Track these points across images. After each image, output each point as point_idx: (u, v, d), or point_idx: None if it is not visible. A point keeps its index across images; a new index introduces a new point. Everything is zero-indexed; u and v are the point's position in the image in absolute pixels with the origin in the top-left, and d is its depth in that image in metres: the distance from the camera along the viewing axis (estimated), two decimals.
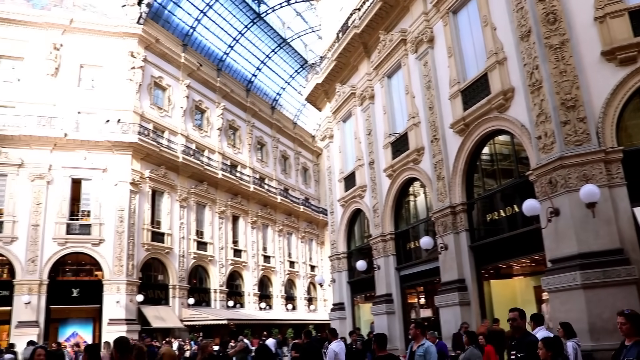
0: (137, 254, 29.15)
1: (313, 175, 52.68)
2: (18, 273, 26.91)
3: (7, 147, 27.89)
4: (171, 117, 34.11)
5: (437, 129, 15.86)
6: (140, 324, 27.89)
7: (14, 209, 27.40)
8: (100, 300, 27.70)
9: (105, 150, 29.14)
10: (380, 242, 19.18)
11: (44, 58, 29.87)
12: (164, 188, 31.90)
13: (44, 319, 26.83)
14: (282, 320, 37.09)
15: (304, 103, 46.63)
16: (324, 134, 25.63)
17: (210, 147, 37.26)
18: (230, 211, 37.83)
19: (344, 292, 22.88)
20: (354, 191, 21.65)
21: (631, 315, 5.24)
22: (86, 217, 28.72)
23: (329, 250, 27.23)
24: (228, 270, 36.60)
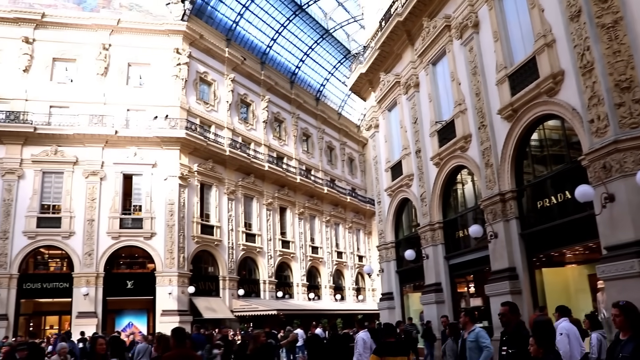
0: (188, 247, 29.77)
1: (359, 165, 52.56)
2: (76, 266, 27.94)
3: (63, 145, 28.92)
4: (217, 111, 34.61)
5: (485, 115, 15.60)
6: (192, 314, 28.50)
7: (70, 205, 28.42)
8: (153, 292, 28.46)
9: (154, 145, 29.81)
10: (429, 231, 19.04)
11: (94, 58, 30.81)
12: (212, 181, 32.42)
13: (101, 309, 27.81)
14: (331, 311, 37.25)
15: (348, 93, 46.63)
16: (369, 123, 25.52)
17: (256, 140, 37.64)
18: (278, 203, 38.16)
19: (392, 281, 22.82)
20: (401, 180, 21.52)
21: (625, 307, 4.89)
22: (138, 211, 29.50)
23: (376, 240, 27.19)
24: (276, 262, 36.98)
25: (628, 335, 4.72)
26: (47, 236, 28.14)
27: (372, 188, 31.83)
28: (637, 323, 4.74)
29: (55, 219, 28.40)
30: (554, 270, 14.81)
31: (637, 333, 4.66)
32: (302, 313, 33.68)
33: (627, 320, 4.75)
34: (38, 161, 28.60)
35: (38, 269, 29.30)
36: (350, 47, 46.04)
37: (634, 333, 4.67)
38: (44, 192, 28.75)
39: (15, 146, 28.48)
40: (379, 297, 25.56)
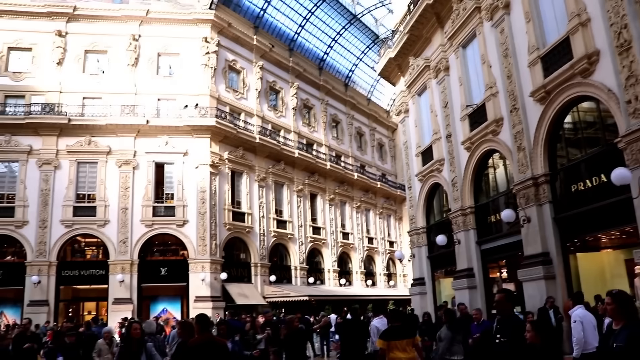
0: (220, 234, 30.10)
1: (389, 150, 52.32)
2: (111, 253, 28.55)
3: (96, 135, 29.48)
4: (246, 99, 34.77)
5: (516, 98, 15.34)
6: (225, 300, 28.88)
7: (104, 194, 29.00)
8: (186, 279, 28.92)
9: (185, 134, 30.12)
10: (460, 216, 18.88)
11: (125, 49, 31.25)
12: (242, 169, 32.67)
13: (136, 296, 28.42)
14: (362, 296, 37.33)
15: (377, 79, 46.35)
16: (399, 108, 25.34)
17: (286, 127, 37.74)
18: (308, 189, 38.26)
19: (423, 267, 22.74)
20: (432, 165, 21.36)
21: (618, 296, 4.75)
22: (170, 199, 29.92)
23: (407, 225, 27.10)
24: (308, 248, 37.16)
25: (621, 325, 4.59)
26: (83, 225, 28.79)
27: (403, 173, 31.65)
28: (629, 312, 4.63)
29: (91, 208, 29.02)
30: (589, 255, 14.59)
31: (630, 322, 4.55)
32: (334, 299, 33.82)
33: (620, 309, 4.63)
34: (73, 151, 29.22)
35: (75, 256, 30.04)
36: (378, 32, 45.67)
37: (627, 322, 4.55)
38: (79, 181, 29.38)
39: (51, 137, 29.14)
40: (410, 282, 25.50)
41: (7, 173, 29.28)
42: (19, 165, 28.96)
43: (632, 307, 4.71)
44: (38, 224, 28.20)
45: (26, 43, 30.89)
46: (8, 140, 28.85)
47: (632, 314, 4.63)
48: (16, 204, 28.48)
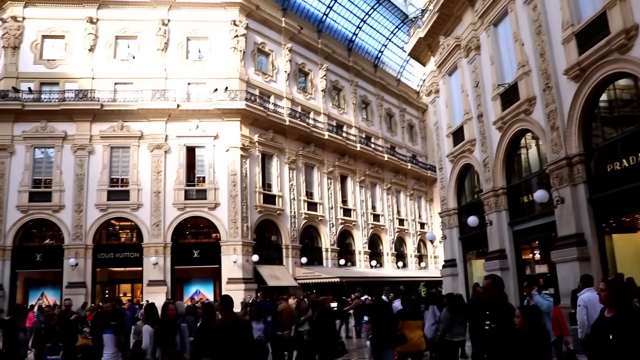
0: (251, 216, 30.34)
1: (419, 131, 51.86)
2: (145, 236, 29.05)
3: (128, 120, 29.89)
4: (276, 81, 34.77)
5: (550, 76, 15.01)
6: (257, 282, 29.20)
7: (137, 178, 29.45)
8: (218, 261, 29.28)
9: (216, 118, 30.31)
10: (492, 197, 18.68)
11: (154, 34, 31.50)
12: (272, 151, 32.78)
13: (170, 278, 28.91)
14: (393, 278, 37.35)
15: (407, 59, 45.87)
16: (429, 89, 25.07)
17: (316, 109, 37.67)
18: (338, 171, 38.24)
19: (455, 248, 22.61)
20: (463, 146, 21.12)
21: (612, 283, 4.65)
22: (202, 182, 30.22)
23: (438, 207, 26.95)
24: (338, 230, 37.23)
25: (613, 313, 4.48)
26: (117, 208, 29.33)
27: (434, 154, 31.39)
28: (622, 299, 4.52)
29: (124, 192, 29.52)
30: (626, 237, 14.29)
31: (622, 310, 4.44)
32: (365, 280, 33.94)
33: (613, 296, 4.52)
34: (106, 136, 29.71)
35: (110, 239, 30.67)
36: (407, 12, 44.99)
37: (619, 309, 4.44)
38: (113, 166, 29.89)
39: (84, 123, 29.66)
40: (442, 264, 25.40)
41: (43, 159, 29.94)
42: (54, 151, 29.61)
43: (626, 295, 4.60)
44: (74, 208, 28.86)
45: (59, 31, 31.39)
46: (44, 126, 29.50)
47: (625, 303, 4.53)
48: (53, 189, 29.17)
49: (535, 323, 5.13)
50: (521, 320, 5.12)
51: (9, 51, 30.70)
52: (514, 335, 5.20)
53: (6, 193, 28.81)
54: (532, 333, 5.02)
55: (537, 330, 5.08)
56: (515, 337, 5.13)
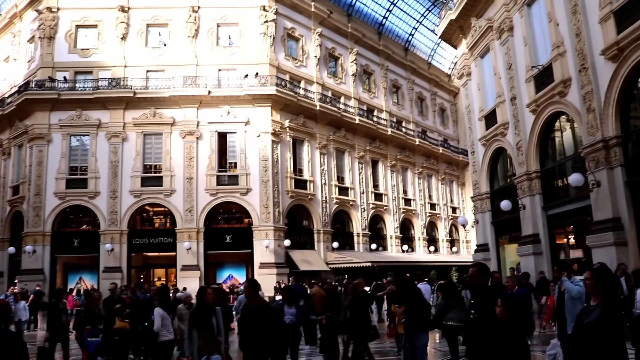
0: (282, 201, 30.51)
1: (451, 115, 51.27)
2: (178, 222, 29.48)
3: (160, 107, 30.25)
4: (306, 66, 34.72)
5: (586, 57, 14.67)
6: (289, 267, 29.42)
7: (170, 164, 29.85)
8: (250, 246, 29.57)
9: (246, 103, 30.45)
10: (525, 181, 18.43)
11: (185, 22, 31.68)
12: (303, 136, 32.83)
13: (203, 263, 29.32)
14: (425, 262, 37.20)
15: (437, 42, 45.28)
16: (461, 71, 24.74)
17: (346, 94, 37.51)
18: (369, 156, 38.11)
19: (487, 233, 22.41)
20: (496, 129, 20.85)
21: (597, 271, 4.54)
22: (233, 168, 30.46)
23: (470, 191, 26.69)
24: (370, 214, 37.19)
25: (597, 301, 4.38)
26: (151, 194, 29.81)
27: (465, 138, 31.02)
28: (607, 288, 4.41)
29: (157, 178, 29.97)
30: None
31: (607, 299, 4.33)
32: (396, 265, 33.88)
33: (598, 285, 4.41)
34: (139, 124, 30.14)
35: (144, 225, 31.25)
36: None
37: (604, 299, 4.34)
38: (146, 152, 30.33)
39: (118, 111, 30.13)
40: (474, 248, 25.21)
41: (79, 146, 30.57)
42: (89, 139, 30.20)
43: (611, 284, 4.53)
44: (109, 194, 29.43)
45: (92, 20, 31.88)
46: (79, 114, 30.08)
47: (610, 292, 4.44)
48: (88, 176, 29.79)
49: (515, 313, 5.08)
50: (501, 310, 5.08)
51: (45, 42, 31.34)
52: (495, 325, 5.15)
53: (44, 180, 29.59)
54: (513, 323, 4.97)
55: (517, 321, 5.02)
56: (495, 328, 5.09)
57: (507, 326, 4.94)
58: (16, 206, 31.44)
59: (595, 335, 4.14)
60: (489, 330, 5.13)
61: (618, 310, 4.29)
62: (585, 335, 4.24)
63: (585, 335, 4.24)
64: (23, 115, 31.33)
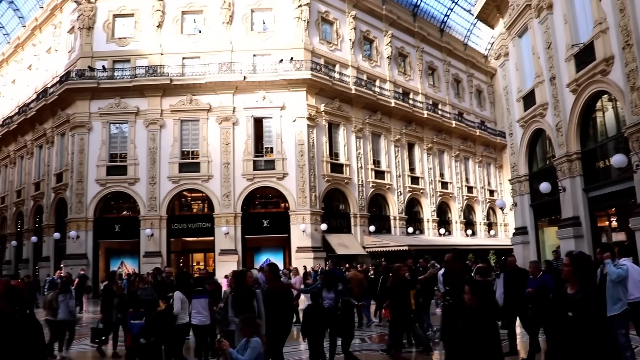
0: (319, 185, 30.60)
1: (488, 97, 50.40)
2: (216, 207, 29.88)
3: (197, 94, 30.56)
4: (340, 50, 34.55)
5: (630, 33, 14.21)
6: (326, 251, 29.57)
7: (207, 150, 30.19)
8: (287, 230, 29.80)
9: (282, 88, 30.53)
10: (565, 163, 18.06)
11: (219, 8, 31.85)
12: (339, 120, 32.77)
13: (241, 247, 29.69)
14: (462, 246, 36.88)
15: (474, 22, 44.42)
16: (498, 52, 24.27)
17: (381, 77, 37.23)
18: (405, 139, 37.84)
19: (526, 216, 22.06)
20: (534, 110, 20.43)
21: (575, 258, 4.38)
22: (270, 153, 30.64)
23: (508, 173, 26.32)
24: (406, 198, 37.03)
25: (575, 289, 4.24)
26: (189, 180, 30.27)
27: (503, 120, 30.53)
28: (585, 275, 4.29)
29: (195, 164, 30.39)
30: None
31: (584, 286, 4.21)
32: (433, 248, 33.71)
33: (576, 272, 4.27)
34: (176, 110, 30.54)
35: (183, 210, 31.76)
36: None
37: (582, 286, 4.21)
38: (183, 139, 30.76)
39: (155, 98, 30.58)
40: (512, 232, 24.89)
41: (118, 134, 31.19)
42: (128, 126, 30.80)
43: (589, 271, 4.41)
44: (148, 180, 30.00)
45: (128, 9, 32.39)
46: (118, 102, 30.65)
47: (588, 279, 4.34)
48: (128, 163, 30.41)
49: (483, 299, 5.00)
50: (469, 297, 5.01)
51: (84, 32, 31.98)
52: (464, 312, 5.09)
53: (86, 168, 30.35)
54: (481, 310, 4.89)
55: (485, 307, 4.95)
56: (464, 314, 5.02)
57: (476, 313, 4.87)
58: (60, 193, 32.35)
59: (575, 322, 4.02)
60: (462, 317, 5.07)
61: (597, 296, 4.21)
62: (565, 322, 4.12)
63: (565, 322, 4.12)
64: (65, 105, 32.13)
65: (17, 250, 38.08)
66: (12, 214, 39.59)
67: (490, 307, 5.08)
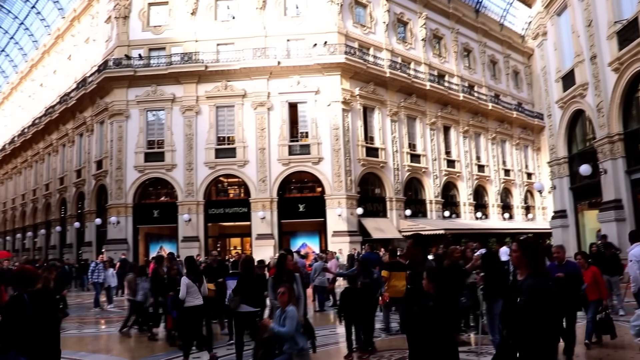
0: (354, 170, 30.58)
1: (525, 78, 49.39)
2: (252, 192, 30.17)
3: (231, 80, 30.78)
4: (374, 33, 34.27)
5: None
6: (361, 235, 29.60)
7: (243, 136, 30.44)
8: (323, 214, 29.93)
9: (316, 73, 30.49)
10: (607, 144, 17.65)
11: None
12: (374, 104, 32.61)
13: (277, 231, 29.95)
14: (499, 230, 36.48)
15: (510, 1, 43.63)
16: (536, 31, 23.75)
17: (416, 59, 36.83)
18: (441, 122, 37.46)
19: (565, 199, 21.69)
20: (574, 90, 19.98)
21: (524, 243, 4.31)
22: (305, 138, 30.71)
23: (546, 156, 25.85)
24: (442, 181, 36.74)
25: (525, 275, 4.15)
26: (225, 166, 30.59)
27: (541, 101, 29.91)
28: (534, 261, 4.18)
29: (231, 150, 30.68)
30: None
31: (534, 272, 4.11)
32: (470, 232, 33.41)
33: (525, 258, 4.19)
34: (211, 97, 30.84)
35: (219, 195, 32.15)
36: None
37: (531, 272, 4.11)
38: (219, 125, 31.06)
39: (191, 85, 30.91)
40: (551, 215, 24.50)
41: (155, 121, 31.68)
42: (164, 113, 31.23)
43: (538, 256, 4.27)
44: (185, 166, 30.44)
45: None
46: (154, 90, 31.09)
47: (537, 265, 4.21)
48: (165, 149, 30.88)
49: (440, 285, 4.94)
50: (426, 283, 4.98)
51: (120, 21, 32.48)
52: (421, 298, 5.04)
53: (125, 154, 30.96)
54: (438, 296, 4.83)
55: (442, 293, 4.88)
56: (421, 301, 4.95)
57: (432, 300, 4.82)
58: (100, 180, 33.11)
59: (525, 308, 3.96)
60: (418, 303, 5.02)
61: (546, 282, 4.12)
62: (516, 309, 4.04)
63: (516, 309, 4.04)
64: (103, 93, 32.76)
65: (61, 236, 39.28)
66: (56, 201, 40.80)
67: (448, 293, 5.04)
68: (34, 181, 46.20)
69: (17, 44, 53.37)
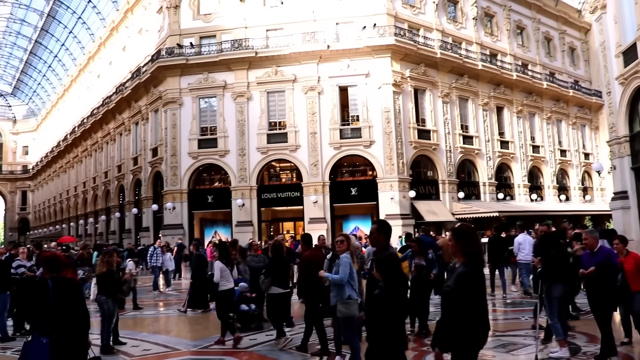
0: (406, 152, 30.37)
1: (582, 54, 47.74)
2: (304, 176, 30.42)
3: (281, 65, 30.98)
4: (424, 13, 33.76)
5: None
6: (414, 218, 29.46)
7: (294, 120, 30.65)
8: (375, 198, 29.91)
9: (366, 55, 30.32)
10: None
11: None
12: (425, 86, 32.22)
13: (329, 215, 30.13)
14: (555, 212, 35.63)
15: None
16: (594, 4, 22.88)
17: (467, 39, 36.13)
18: (494, 102, 36.70)
19: (626, 179, 20.93)
20: (637, 65, 19.20)
21: (457, 231, 4.27)
22: (355, 121, 30.67)
23: (605, 135, 25.05)
24: (496, 163, 36.08)
25: (460, 262, 4.12)
26: (277, 150, 30.91)
27: (599, 78, 28.87)
28: (467, 250, 4.13)
29: (282, 135, 30.95)
30: None
31: (469, 260, 4.09)
32: (524, 215, 32.78)
33: (458, 246, 4.16)
34: (262, 82, 31.14)
35: (272, 180, 32.56)
36: None
37: (466, 260, 4.09)
38: (270, 110, 31.36)
39: (241, 71, 31.27)
40: (610, 196, 23.76)
41: (207, 108, 32.23)
42: (216, 100, 31.74)
43: (471, 244, 4.16)
44: (237, 152, 30.91)
45: None
46: (206, 77, 31.61)
47: (471, 253, 4.12)
48: (218, 135, 31.42)
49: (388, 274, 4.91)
50: (375, 271, 4.98)
51: (172, 11, 33.09)
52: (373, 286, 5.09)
53: (179, 142, 31.69)
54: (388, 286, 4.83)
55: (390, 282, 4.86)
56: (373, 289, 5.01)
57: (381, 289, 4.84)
58: (156, 167, 34.00)
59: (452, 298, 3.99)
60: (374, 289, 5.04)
61: (475, 270, 4.07)
62: (448, 296, 4.07)
63: (448, 296, 4.07)
64: (157, 82, 33.53)
65: (120, 221, 40.68)
66: (114, 188, 42.29)
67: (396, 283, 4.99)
68: (93, 169, 48.03)
69: (75, 38, 55.22)
